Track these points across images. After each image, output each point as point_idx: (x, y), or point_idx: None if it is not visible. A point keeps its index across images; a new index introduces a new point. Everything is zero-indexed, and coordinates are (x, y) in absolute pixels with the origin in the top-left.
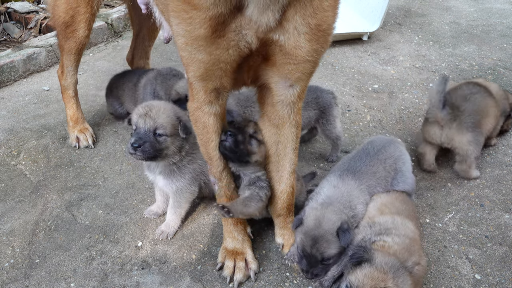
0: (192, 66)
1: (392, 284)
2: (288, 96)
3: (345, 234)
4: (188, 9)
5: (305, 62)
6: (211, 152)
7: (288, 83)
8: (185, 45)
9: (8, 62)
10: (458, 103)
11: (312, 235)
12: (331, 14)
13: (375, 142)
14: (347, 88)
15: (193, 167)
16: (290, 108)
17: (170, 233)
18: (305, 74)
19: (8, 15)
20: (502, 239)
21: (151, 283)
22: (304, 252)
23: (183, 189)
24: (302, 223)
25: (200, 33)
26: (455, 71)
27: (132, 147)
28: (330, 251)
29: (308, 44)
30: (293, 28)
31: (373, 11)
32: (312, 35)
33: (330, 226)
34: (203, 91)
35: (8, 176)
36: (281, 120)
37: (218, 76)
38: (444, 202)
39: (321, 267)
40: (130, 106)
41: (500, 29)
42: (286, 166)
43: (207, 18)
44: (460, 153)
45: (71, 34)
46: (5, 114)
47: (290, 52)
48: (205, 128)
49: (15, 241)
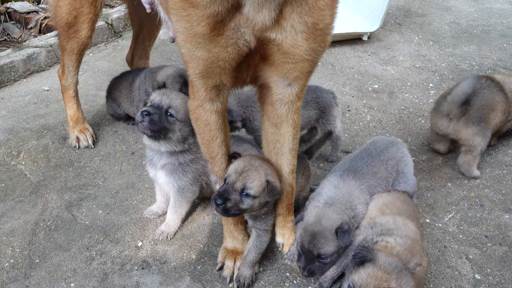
0: (192, 63)
1: (395, 285)
2: (286, 95)
3: (345, 234)
4: (186, 6)
5: (303, 61)
6: (215, 150)
7: (287, 82)
8: (184, 42)
9: (8, 62)
10: (469, 98)
11: (311, 230)
12: (328, 13)
13: (377, 142)
14: (347, 88)
15: (196, 167)
16: (288, 107)
17: (170, 233)
18: (303, 73)
19: (8, 15)
20: (502, 239)
21: (151, 283)
22: (302, 247)
23: (184, 189)
24: (303, 219)
25: (198, 30)
26: (455, 71)
27: (141, 114)
28: (327, 248)
29: (305, 43)
30: (290, 27)
31: (373, 11)
32: (309, 34)
33: (330, 224)
34: (203, 89)
35: (8, 176)
36: (279, 119)
37: (218, 74)
38: (444, 202)
39: (318, 265)
40: (127, 107)
41: (500, 29)
42: (284, 165)
43: (205, 16)
44: (466, 144)
45: (74, 34)
46: (5, 114)
47: (288, 51)
48: (207, 126)
49: (15, 241)
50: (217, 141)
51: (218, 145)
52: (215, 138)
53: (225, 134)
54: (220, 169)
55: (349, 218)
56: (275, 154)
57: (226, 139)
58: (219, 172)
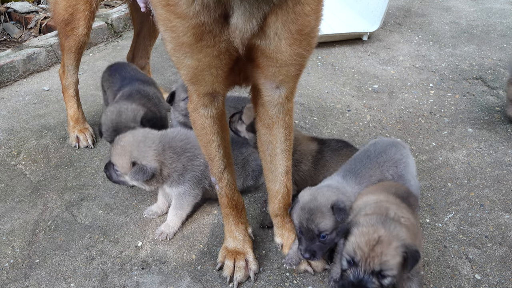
0: (182, 70)
1: (384, 231)
2: (275, 97)
3: (340, 210)
4: (171, 17)
5: (287, 65)
6: (212, 152)
7: (274, 84)
8: (173, 51)
9: (8, 62)
10: None
11: (307, 208)
12: (313, 18)
13: (377, 144)
14: (347, 88)
15: (193, 174)
16: (278, 108)
17: (169, 234)
18: (289, 77)
19: (8, 15)
20: (502, 239)
21: (151, 283)
22: (301, 227)
23: (186, 193)
24: (298, 200)
25: (184, 40)
26: (455, 71)
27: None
28: (326, 223)
29: (289, 49)
30: (273, 34)
31: (373, 11)
32: (293, 40)
33: (325, 200)
34: (195, 95)
35: (8, 176)
36: (271, 120)
37: (210, 82)
38: (444, 202)
39: (318, 244)
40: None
41: (500, 29)
42: (278, 166)
43: (190, 26)
44: None
45: (71, 32)
46: (5, 114)
47: (271, 56)
48: (203, 130)
49: (15, 241)
50: (213, 145)
51: (215, 148)
52: (211, 141)
53: (222, 138)
54: (218, 171)
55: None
56: (269, 155)
57: (223, 142)
58: (218, 174)
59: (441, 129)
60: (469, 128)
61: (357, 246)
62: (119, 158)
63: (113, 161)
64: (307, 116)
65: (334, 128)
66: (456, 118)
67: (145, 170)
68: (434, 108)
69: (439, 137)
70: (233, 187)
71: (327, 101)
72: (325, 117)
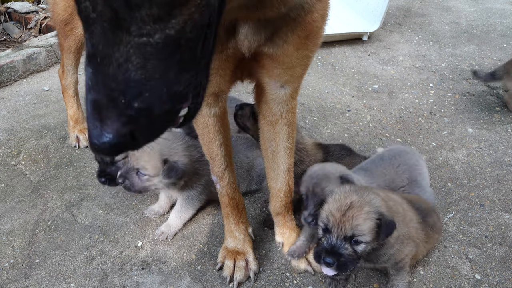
0: None
1: (356, 197)
2: (280, 96)
3: (348, 182)
4: None
5: (293, 67)
6: (214, 151)
7: (279, 84)
8: None
9: (8, 62)
10: None
11: (316, 174)
12: (321, 21)
13: (392, 150)
14: (347, 88)
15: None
16: (282, 106)
17: (170, 235)
18: (294, 77)
19: (8, 15)
20: (502, 239)
21: (151, 283)
22: (307, 192)
23: (194, 197)
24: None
25: None
26: (455, 71)
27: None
28: (332, 188)
29: (296, 52)
30: (282, 42)
31: (373, 11)
32: (301, 44)
33: (334, 169)
34: None
35: (8, 176)
36: (274, 118)
37: (217, 82)
38: (444, 202)
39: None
40: None
41: (500, 29)
42: (280, 164)
43: None
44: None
45: (70, 32)
46: (5, 114)
47: (277, 60)
48: (206, 128)
49: (15, 241)
50: (216, 143)
51: (217, 146)
52: (213, 140)
53: (224, 136)
54: (219, 169)
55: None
56: (271, 153)
57: (225, 140)
58: (219, 173)
59: (441, 129)
60: (469, 128)
61: (330, 213)
62: (149, 159)
63: (140, 165)
64: (307, 116)
65: (334, 128)
66: (456, 118)
67: (177, 167)
68: (434, 108)
69: (439, 137)
70: (234, 186)
71: (327, 101)
72: (325, 117)
